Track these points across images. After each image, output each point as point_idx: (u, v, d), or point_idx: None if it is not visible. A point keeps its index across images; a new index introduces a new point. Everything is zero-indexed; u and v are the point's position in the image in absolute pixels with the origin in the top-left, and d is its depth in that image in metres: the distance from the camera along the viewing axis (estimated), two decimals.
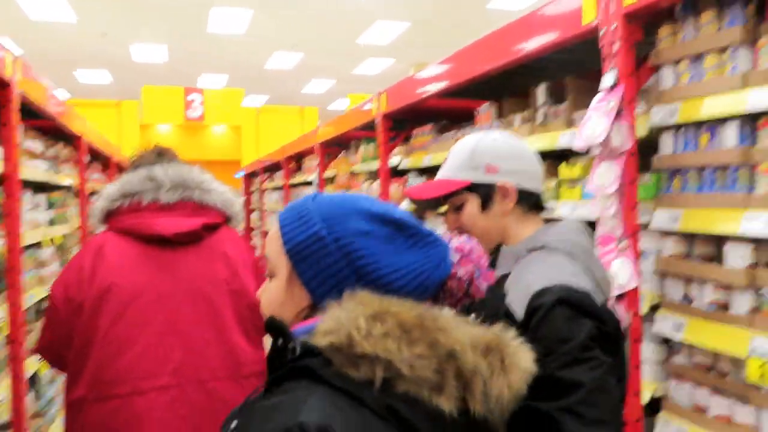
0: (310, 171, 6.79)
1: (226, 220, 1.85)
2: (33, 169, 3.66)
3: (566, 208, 2.24)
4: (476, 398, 0.77)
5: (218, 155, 16.57)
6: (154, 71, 11.91)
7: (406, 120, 4.02)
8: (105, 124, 11.53)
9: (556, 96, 2.50)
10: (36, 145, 4.00)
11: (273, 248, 0.95)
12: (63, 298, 1.66)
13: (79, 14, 8.70)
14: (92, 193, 6.39)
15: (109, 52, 10.58)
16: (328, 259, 0.89)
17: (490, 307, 1.18)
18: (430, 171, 3.71)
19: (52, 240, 4.03)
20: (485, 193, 1.27)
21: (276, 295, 0.95)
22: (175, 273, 1.67)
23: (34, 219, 3.85)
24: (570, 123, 2.32)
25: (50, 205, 4.36)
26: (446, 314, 0.85)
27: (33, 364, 3.42)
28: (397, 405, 0.76)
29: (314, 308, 0.92)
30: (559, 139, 2.28)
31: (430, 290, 0.94)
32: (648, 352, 1.93)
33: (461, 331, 0.81)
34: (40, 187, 4.42)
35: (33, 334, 3.64)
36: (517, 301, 1.14)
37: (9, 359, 2.93)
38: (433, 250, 0.94)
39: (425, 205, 1.37)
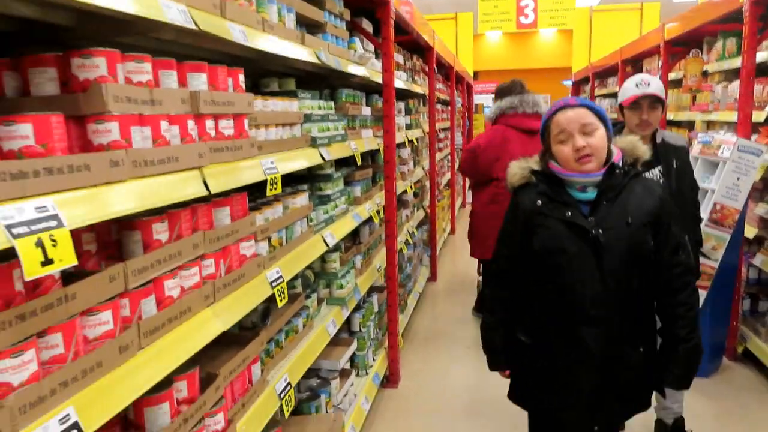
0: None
1: None
2: (397, 79, 4.23)
3: None
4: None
5: (547, 63, 16.39)
6: None
7: None
8: (443, 36, 12.33)
9: None
10: (399, 57, 4.60)
11: (592, 120, 1.86)
12: (480, 152, 3.97)
13: None
14: (437, 102, 7.06)
15: None
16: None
17: None
18: None
19: (410, 141, 4.66)
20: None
21: (605, 142, 1.88)
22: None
23: (398, 123, 4.50)
24: None
25: (408, 111, 5.02)
26: None
27: (398, 243, 4.13)
28: None
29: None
30: None
31: None
32: None
33: None
34: (400, 96, 5.11)
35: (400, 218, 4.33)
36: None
37: (385, 236, 3.61)
38: None
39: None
